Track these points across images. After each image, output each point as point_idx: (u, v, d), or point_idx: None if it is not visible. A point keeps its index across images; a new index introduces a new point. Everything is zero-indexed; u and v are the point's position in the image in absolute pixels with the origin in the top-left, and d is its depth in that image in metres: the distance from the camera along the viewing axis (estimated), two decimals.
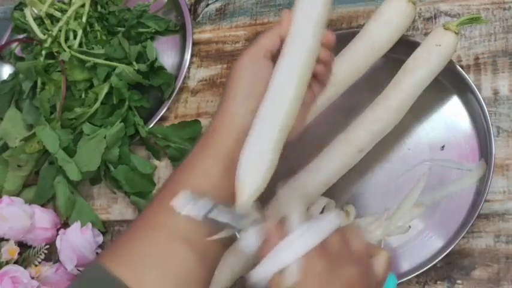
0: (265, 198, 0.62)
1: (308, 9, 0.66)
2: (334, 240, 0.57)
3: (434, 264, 0.77)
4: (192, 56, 1.01)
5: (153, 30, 1.04)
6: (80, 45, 1.00)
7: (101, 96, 0.96)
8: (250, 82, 0.65)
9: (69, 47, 0.98)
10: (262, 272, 0.56)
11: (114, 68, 0.97)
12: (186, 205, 0.58)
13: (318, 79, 0.67)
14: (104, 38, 1.01)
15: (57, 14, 1.02)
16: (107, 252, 0.65)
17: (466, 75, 0.84)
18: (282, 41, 0.66)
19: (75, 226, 0.89)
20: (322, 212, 0.83)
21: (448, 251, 0.76)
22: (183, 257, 0.58)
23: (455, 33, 0.81)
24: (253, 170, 0.60)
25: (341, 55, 0.85)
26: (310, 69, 0.65)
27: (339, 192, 0.84)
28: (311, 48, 0.65)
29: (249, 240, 0.58)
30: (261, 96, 0.63)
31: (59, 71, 0.98)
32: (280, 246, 0.56)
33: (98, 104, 0.96)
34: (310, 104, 0.68)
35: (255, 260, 0.58)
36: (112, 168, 0.93)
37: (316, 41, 0.65)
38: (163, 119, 0.98)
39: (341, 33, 0.91)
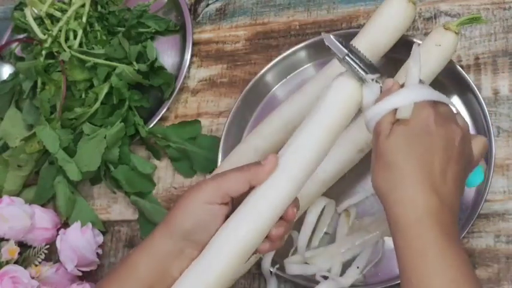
0: None
1: (299, 168, 0.62)
2: (445, 107, 0.63)
3: None
4: (192, 56, 1.01)
5: (153, 30, 1.04)
6: (80, 45, 1.00)
7: (101, 96, 0.96)
8: (191, 227, 0.60)
9: (69, 47, 0.98)
10: (379, 109, 0.62)
11: (114, 68, 0.97)
12: (334, 42, 0.64)
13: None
14: (104, 38, 1.01)
15: (57, 14, 1.02)
16: None
17: (466, 75, 0.84)
18: (251, 188, 0.61)
19: (75, 226, 0.89)
20: (322, 212, 0.83)
21: None
22: None
23: (456, 33, 0.81)
24: None
25: None
26: (264, 235, 0.61)
27: (339, 192, 0.84)
28: (273, 217, 0.61)
29: (371, 90, 0.64)
30: (196, 242, 0.60)
31: (59, 71, 0.98)
32: (399, 91, 0.62)
33: (98, 104, 0.96)
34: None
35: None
36: (112, 168, 0.93)
37: (279, 212, 0.61)
38: (163, 119, 0.98)
39: (341, 33, 0.91)
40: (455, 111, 0.64)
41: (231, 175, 0.62)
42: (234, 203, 0.62)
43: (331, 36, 0.65)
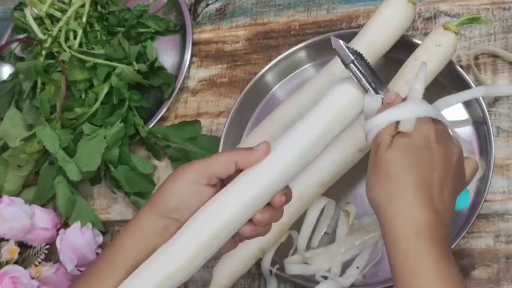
0: None
1: (286, 160, 0.61)
2: (443, 126, 0.63)
3: None
4: (192, 56, 1.01)
5: (153, 30, 1.04)
6: (80, 45, 1.00)
7: (101, 96, 0.96)
8: (176, 205, 0.60)
9: (69, 47, 0.98)
10: (382, 119, 0.61)
11: (114, 68, 0.97)
12: (341, 47, 0.64)
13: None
14: (104, 38, 1.01)
15: (57, 14, 1.02)
16: None
17: (466, 75, 0.84)
18: (238, 171, 0.61)
19: (75, 226, 0.89)
20: (322, 212, 0.83)
21: None
22: None
23: (455, 33, 0.81)
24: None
25: None
26: (242, 222, 0.61)
27: (339, 192, 0.84)
28: (260, 200, 0.61)
29: (373, 100, 0.63)
30: (181, 221, 0.60)
31: (59, 71, 0.98)
32: (403, 104, 0.62)
33: (98, 104, 0.96)
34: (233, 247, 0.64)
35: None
36: (112, 168, 0.93)
37: (269, 194, 0.61)
38: (163, 119, 0.98)
39: (341, 33, 0.91)
40: (451, 133, 0.64)
41: (219, 156, 0.62)
42: (222, 186, 0.62)
43: (340, 41, 0.65)
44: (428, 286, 0.55)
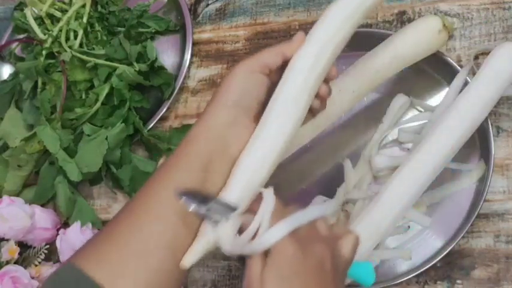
0: None
1: (324, 37, 0.68)
2: (304, 228, 0.59)
3: (434, 264, 0.77)
4: (192, 56, 1.01)
5: (153, 30, 1.04)
6: (81, 45, 0.99)
7: (102, 97, 0.96)
8: (239, 93, 0.65)
9: (69, 47, 0.98)
10: (253, 249, 0.58)
11: (114, 69, 0.97)
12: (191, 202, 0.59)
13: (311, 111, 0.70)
14: (104, 38, 1.01)
15: (58, 14, 1.02)
16: (82, 251, 0.61)
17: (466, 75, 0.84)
18: (284, 61, 0.67)
19: (75, 226, 0.89)
20: None
21: (447, 251, 0.76)
22: (172, 229, 0.59)
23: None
24: (250, 176, 0.63)
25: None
26: (313, 95, 0.67)
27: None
28: (317, 76, 0.67)
29: (227, 228, 0.59)
30: (246, 109, 0.65)
31: (59, 71, 0.98)
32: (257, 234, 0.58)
33: (98, 104, 0.96)
34: None
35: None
36: (113, 169, 0.93)
37: (323, 69, 0.67)
38: (163, 118, 0.98)
39: None
40: (316, 216, 0.61)
41: (266, 50, 0.68)
42: (273, 80, 0.68)
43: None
44: None
